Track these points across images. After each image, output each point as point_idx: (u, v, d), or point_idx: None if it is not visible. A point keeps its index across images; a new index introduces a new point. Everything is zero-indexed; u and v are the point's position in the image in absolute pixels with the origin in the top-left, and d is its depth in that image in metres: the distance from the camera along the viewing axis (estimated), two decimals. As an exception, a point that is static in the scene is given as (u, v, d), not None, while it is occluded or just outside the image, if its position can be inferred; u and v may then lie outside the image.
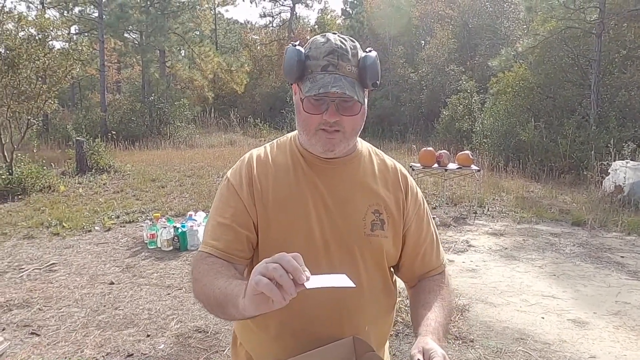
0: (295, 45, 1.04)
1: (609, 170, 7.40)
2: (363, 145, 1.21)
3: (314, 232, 1.09)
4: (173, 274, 4.25)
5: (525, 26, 14.45)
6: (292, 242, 1.08)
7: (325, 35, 1.06)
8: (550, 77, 11.78)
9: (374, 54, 1.05)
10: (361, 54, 1.05)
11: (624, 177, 6.92)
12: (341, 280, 0.83)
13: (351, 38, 1.07)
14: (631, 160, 7.32)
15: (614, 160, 7.50)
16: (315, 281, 0.79)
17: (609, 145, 8.15)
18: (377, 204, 1.14)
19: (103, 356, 2.85)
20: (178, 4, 18.12)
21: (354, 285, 0.82)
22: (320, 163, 1.12)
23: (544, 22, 11.55)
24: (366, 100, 1.08)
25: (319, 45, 1.03)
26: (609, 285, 4.13)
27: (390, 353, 3.05)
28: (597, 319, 3.49)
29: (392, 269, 1.23)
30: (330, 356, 1.02)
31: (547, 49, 11.71)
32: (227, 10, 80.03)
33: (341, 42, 1.03)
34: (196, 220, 5.26)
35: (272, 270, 0.76)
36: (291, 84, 1.08)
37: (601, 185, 7.58)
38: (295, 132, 1.19)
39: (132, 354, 2.88)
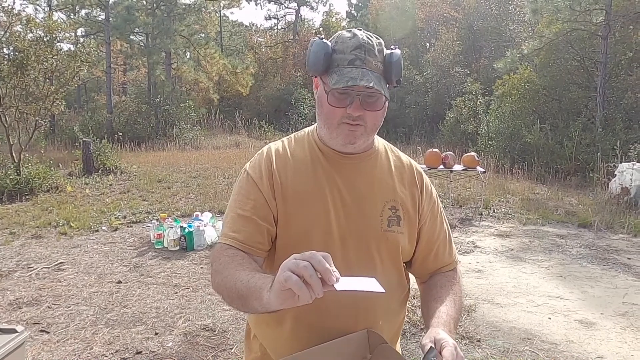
0: (322, 38, 1.04)
1: (615, 172, 7.37)
2: (379, 142, 1.22)
3: (331, 227, 1.10)
4: (180, 273, 4.27)
5: (530, 28, 14.46)
6: (310, 236, 1.09)
7: (351, 30, 1.07)
8: (556, 79, 11.77)
9: (398, 51, 1.07)
10: (386, 51, 1.07)
11: (631, 179, 6.90)
12: (371, 285, 0.83)
13: (376, 35, 1.08)
14: (638, 162, 7.29)
15: (620, 162, 7.47)
16: (344, 283, 0.80)
17: (615, 147, 8.13)
18: (393, 200, 1.16)
19: (112, 353, 2.88)
20: (184, 7, 18.22)
21: (384, 291, 0.83)
22: (338, 158, 1.13)
23: (550, 24, 11.55)
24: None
25: (346, 39, 1.04)
26: (616, 287, 4.12)
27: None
28: (604, 319, 3.48)
29: (404, 264, 1.24)
30: (344, 349, 1.04)
31: (553, 51, 11.70)
32: (232, 13, 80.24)
33: (368, 37, 1.05)
34: (202, 221, 5.28)
35: (302, 268, 0.77)
36: (314, 77, 1.09)
37: (607, 187, 7.55)
38: (313, 126, 1.20)
39: (141, 352, 2.90)
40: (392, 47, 1.08)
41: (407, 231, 1.17)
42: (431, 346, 0.93)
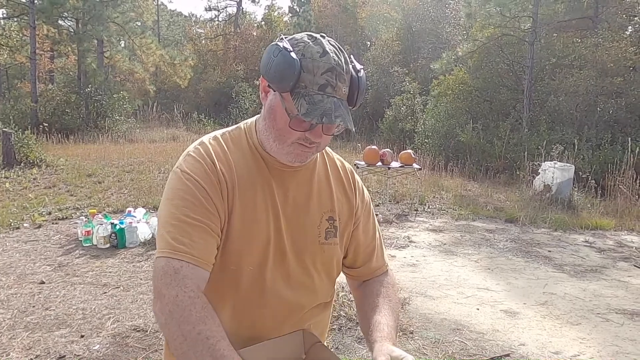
0: (290, 52, 0.93)
1: (539, 171, 7.86)
2: None
3: (270, 243, 1.05)
4: (110, 272, 4.07)
5: (465, 32, 15.06)
6: (248, 253, 1.04)
7: (318, 41, 0.96)
8: (488, 82, 12.37)
9: (364, 73, 1.01)
10: (352, 71, 1.00)
11: (552, 177, 7.38)
12: None
13: (340, 47, 0.99)
14: (559, 161, 7.81)
15: (544, 161, 7.98)
16: None
17: (539, 147, 8.66)
18: (331, 211, 1.13)
19: (32, 358, 2.69)
20: (118, -8, 17.33)
21: None
22: (280, 167, 1.07)
23: (482, 28, 12.11)
24: None
25: (315, 56, 0.94)
26: (537, 278, 4.40)
27: (333, 346, 3.08)
28: (527, 309, 3.70)
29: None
30: (281, 347, 1.04)
31: (485, 54, 12.28)
32: (170, 2, 77.67)
33: (336, 55, 0.96)
34: (135, 217, 5.07)
35: None
36: (270, 87, 1.00)
37: (532, 184, 8.04)
38: (250, 124, 1.12)
39: (64, 356, 2.74)
40: (358, 67, 1.01)
41: (340, 239, 1.16)
42: None
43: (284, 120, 0.97)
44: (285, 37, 0.98)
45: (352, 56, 1.03)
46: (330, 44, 0.97)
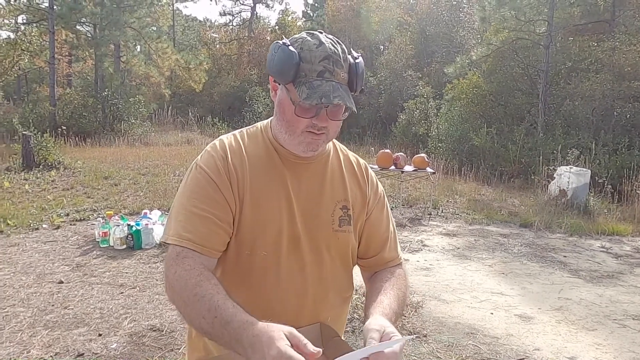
0: (288, 46, 1.01)
1: (554, 175, 7.78)
2: None
3: (283, 230, 1.10)
4: (126, 272, 4.14)
5: (479, 36, 15.00)
6: (262, 240, 1.09)
7: (314, 34, 1.05)
8: (502, 86, 12.29)
9: (362, 61, 1.08)
10: (350, 59, 1.07)
11: (568, 182, 7.31)
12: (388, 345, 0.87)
13: (337, 40, 1.07)
14: (574, 166, 7.73)
15: (559, 166, 7.90)
16: None
17: (555, 151, 8.58)
18: (345, 200, 1.18)
19: (51, 356, 2.75)
20: (135, -2, 17.59)
21: (413, 336, 0.88)
22: (294, 159, 1.13)
23: (497, 32, 12.05)
24: None
25: (312, 47, 1.02)
26: (553, 283, 4.36)
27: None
28: (541, 314, 3.67)
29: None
30: None
31: (499, 58, 12.21)
32: (186, 7, 78.36)
33: (333, 45, 1.04)
34: (151, 219, 5.14)
35: None
36: (276, 83, 1.07)
37: (547, 189, 7.96)
38: (266, 123, 1.19)
39: (83, 354, 2.79)
40: (355, 55, 1.09)
41: (354, 228, 1.19)
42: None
43: (290, 110, 1.04)
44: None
45: (351, 49, 1.11)
46: (327, 37, 1.05)
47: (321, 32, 1.07)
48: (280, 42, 1.03)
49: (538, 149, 9.79)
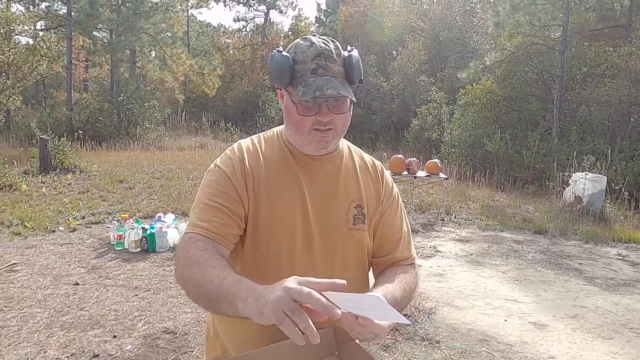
0: (281, 52, 1.07)
1: (570, 182, 7.69)
2: (343, 143, 1.26)
3: (297, 229, 1.13)
4: (141, 275, 4.18)
5: (493, 41, 14.93)
6: (276, 237, 1.12)
7: (306, 38, 1.10)
8: (516, 91, 12.20)
9: (356, 52, 1.11)
10: (344, 53, 1.10)
11: (583, 188, 7.21)
12: (386, 313, 0.86)
13: (331, 38, 1.11)
14: (590, 172, 7.64)
15: (574, 172, 7.81)
16: (347, 303, 0.83)
17: (570, 157, 8.49)
18: (359, 199, 1.20)
19: (67, 357, 2.79)
20: (150, 4, 17.83)
21: (408, 322, 0.87)
22: (307, 159, 1.17)
23: (511, 37, 11.98)
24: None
25: (304, 49, 1.07)
26: (568, 290, 4.31)
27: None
28: (556, 321, 3.63)
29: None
30: (311, 344, 1.05)
31: (513, 63, 12.13)
32: (200, 13, 79.22)
33: (324, 43, 1.08)
34: (165, 222, 5.20)
35: (299, 319, 0.80)
36: (279, 89, 1.12)
37: (562, 195, 7.87)
38: (281, 128, 1.23)
39: (98, 355, 2.83)
40: (349, 48, 1.12)
41: (368, 227, 1.21)
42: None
43: (294, 111, 1.08)
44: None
45: (347, 47, 1.13)
46: (319, 38, 1.09)
47: (314, 35, 1.11)
48: (274, 50, 1.09)
49: (553, 155, 9.69)
